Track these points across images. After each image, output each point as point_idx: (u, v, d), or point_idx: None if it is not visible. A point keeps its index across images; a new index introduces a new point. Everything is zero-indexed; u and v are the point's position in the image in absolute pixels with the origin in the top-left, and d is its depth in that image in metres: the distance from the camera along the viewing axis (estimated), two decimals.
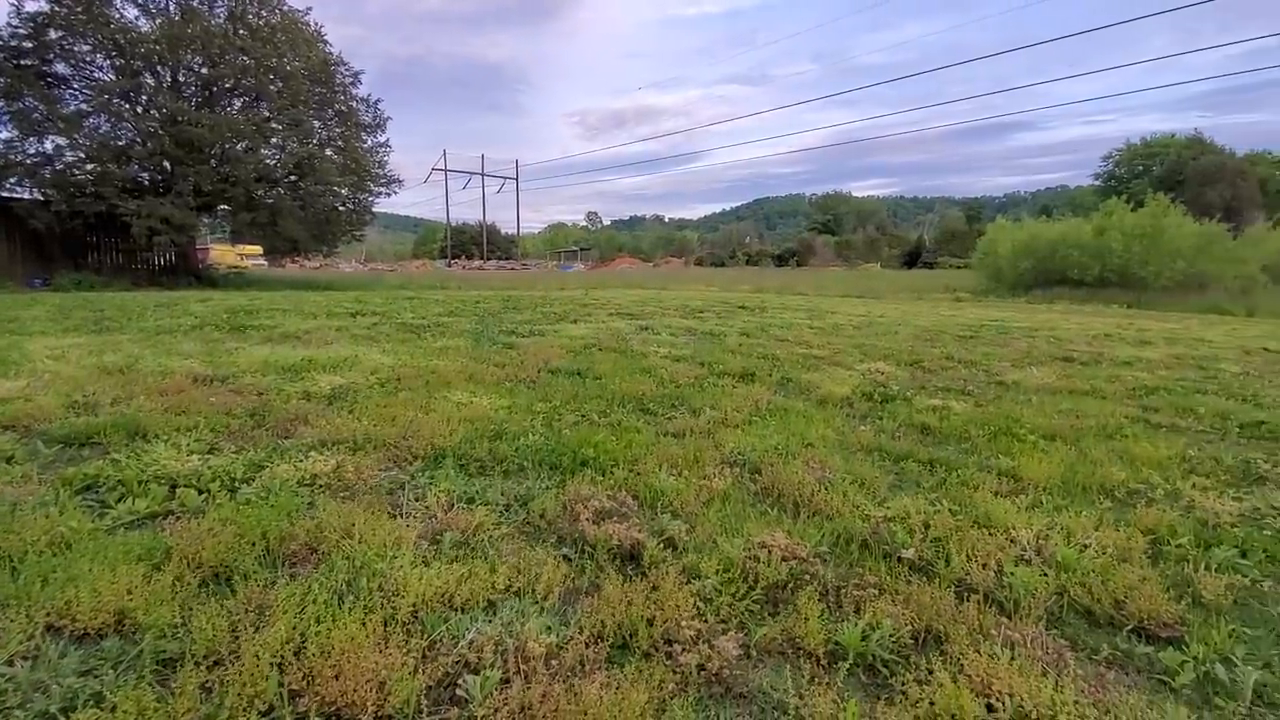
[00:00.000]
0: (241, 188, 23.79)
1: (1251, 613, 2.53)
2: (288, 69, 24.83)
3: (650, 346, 9.59)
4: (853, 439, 4.79)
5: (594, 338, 10.39)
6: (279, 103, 24.82)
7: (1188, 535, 3.12)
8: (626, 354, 8.74)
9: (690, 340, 10.59)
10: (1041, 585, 2.61)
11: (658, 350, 9.20)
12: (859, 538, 3.07)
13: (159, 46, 22.69)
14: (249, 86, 24.77)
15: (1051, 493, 3.68)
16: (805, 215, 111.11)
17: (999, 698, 1.90)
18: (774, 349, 9.55)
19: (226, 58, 23.75)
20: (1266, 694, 2.06)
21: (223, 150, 24.07)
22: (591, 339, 10.22)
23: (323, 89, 26.42)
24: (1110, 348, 10.49)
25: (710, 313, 16.33)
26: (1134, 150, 39.86)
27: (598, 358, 8.32)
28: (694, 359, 8.41)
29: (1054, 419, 5.37)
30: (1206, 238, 22.73)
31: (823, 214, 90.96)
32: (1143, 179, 33.57)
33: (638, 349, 9.30)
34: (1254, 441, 4.86)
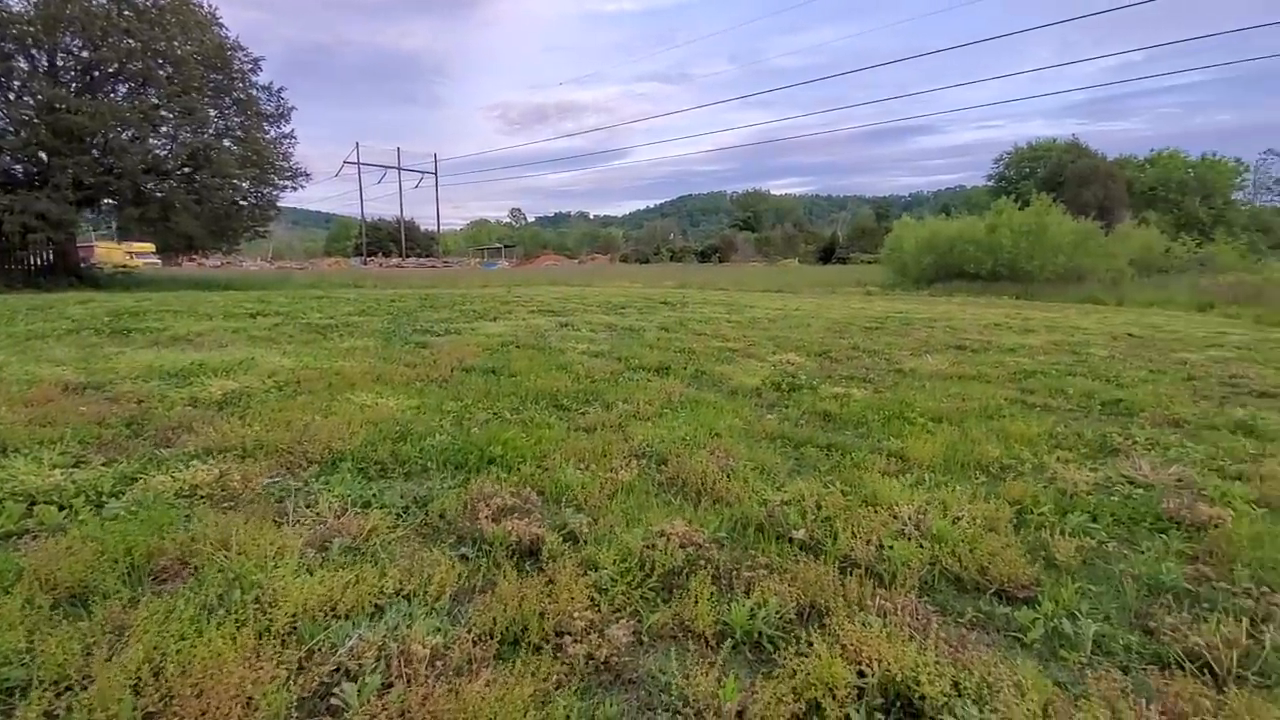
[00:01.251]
0: (128, 180, 21.87)
1: (1097, 571, 2.79)
2: (179, 53, 23.01)
3: (569, 343, 9.54)
4: (758, 428, 4.94)
5: (513, 335, 10.23)
6: (169, 89, 22.96)
7: (1049, 504, 3.41)
8: (544, 351, 8.66)
9: (610, 336, 10.61)
10: (917, 557, 2.79)
11: (576, 346, 9.17)
12: (756, 522, 3.17)
13: (33, 28, 20.52)
14: (135, 71, 22.78)
15: (934, 470, 3.93)
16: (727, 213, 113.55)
17: (869, 664, 2.02)
18: (691, 343, 9.71)
19: (110, 40, 21.74)
20: (1104, 644, 2.28)
21: (106, 140, 22.05)
22: (510, 336, 10.07)
23: (219, 75, 24.66)
24: (998, 336, 11.30)
25: (632, 309, 16.40)
26: (1021, 153, 43.22)
27: (515, 355, 8.21)
28: (611, 354, 8.44)
29: (943, 403, 5.73)
30: (1083, 234, 24.97)
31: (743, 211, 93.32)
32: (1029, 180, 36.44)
33: (556, 346, 9.24)
34: (1112, 418, 5.36)
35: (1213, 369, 7.69)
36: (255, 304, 15.00)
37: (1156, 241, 28.17)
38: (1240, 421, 5.08)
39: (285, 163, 26.75)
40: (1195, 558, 2.86)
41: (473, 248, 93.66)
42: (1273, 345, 10.39)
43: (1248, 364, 8.13)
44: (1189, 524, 3.14)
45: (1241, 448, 4.43)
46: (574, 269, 61.83)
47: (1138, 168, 38.90)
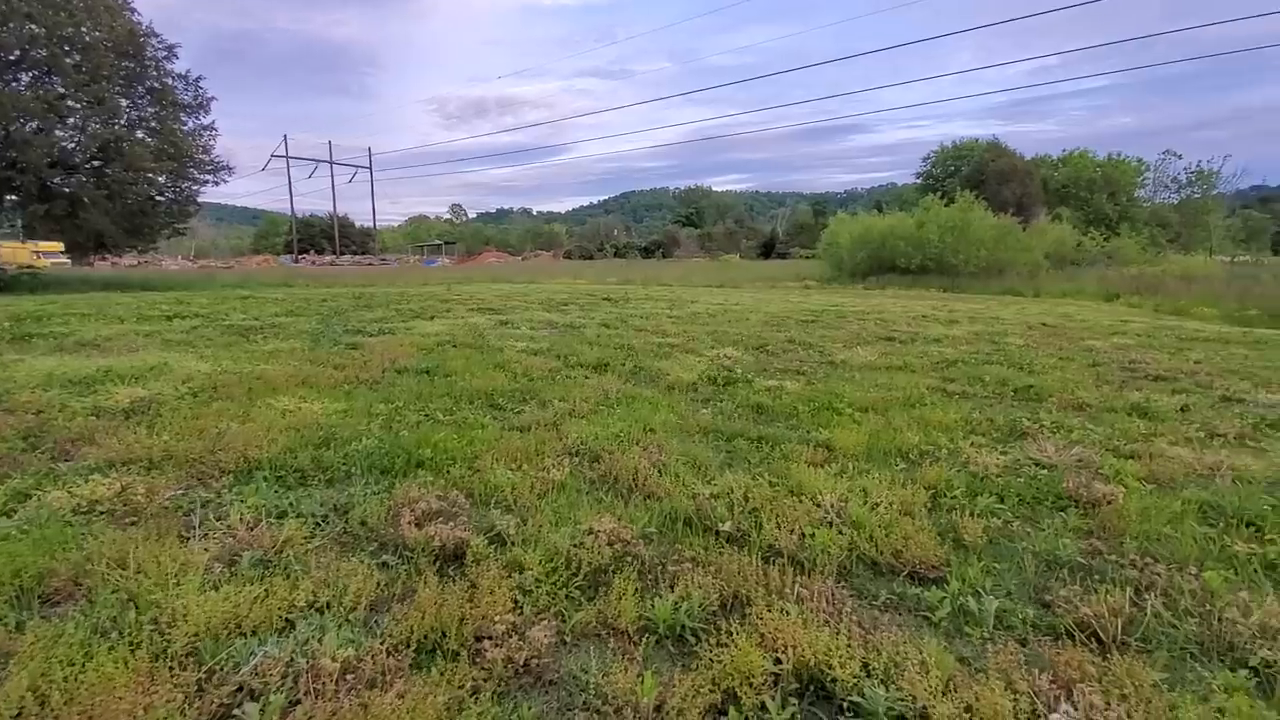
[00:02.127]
0: (32, 175, 20.22)
1: (1001, 549, 2.95)
2: (86, 39, 21.38)
3: (508, 341, 9.42)
4: (692, 422, 5.00)
5: (450, 334, 10.01)
6: (76, 78, 21.30)
7: (961, 487, 3.58)
8: (482, 350, 8.52)
9: (550, 334, 10.52)
10: (836, 544, 2.88)
11: (515, 345, 9.05)
12: (684, 516, 3.21)
13: None
14: (39, 59, 21.04)
15: (857, 459, 4.07)
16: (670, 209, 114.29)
17: (784, 650, 2.07)
18: (631, 339, 9.73)
19: (10, 26, 20.00)
20: (1005, 619, 2.41)
21: (7, 132, 20.30)
22: (447, 336, 9.85)
23: (130, 63, 23.03)
24: (925, 327, 11.79)
25: (574, 306, 16.31)
26: (946, 152, 45.25)
27: (451, 354, 8.04)
28: (551, 352, 8.37)
29: (870, 393, 5.94)
30: (1003, 230, 26.33)
31: (686, 207, 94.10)
32: (954, 178, 38.18)
33: (495, 344, 9.10)
34: (1023, 403, 5.68)
35: (1115, 355, 8.24)
36: (172, 305, 14.17)
37: (1069, 236, 29.96)
38: (1136, 404, 5.46)
39: (205, 156, 25.28)
40: (1090, 533, 3.06)
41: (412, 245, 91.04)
42: (1168, 332, 11.22)
43: (1146, 350, 8.75)
44: (1086, 501, 3.36)
45: (1136, 429, 4.77)
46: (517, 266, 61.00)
47: (1051, 166, 41.37)
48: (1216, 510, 3.25)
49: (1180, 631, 2.30)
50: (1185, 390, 6.16)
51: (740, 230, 76.99)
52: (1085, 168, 40.67)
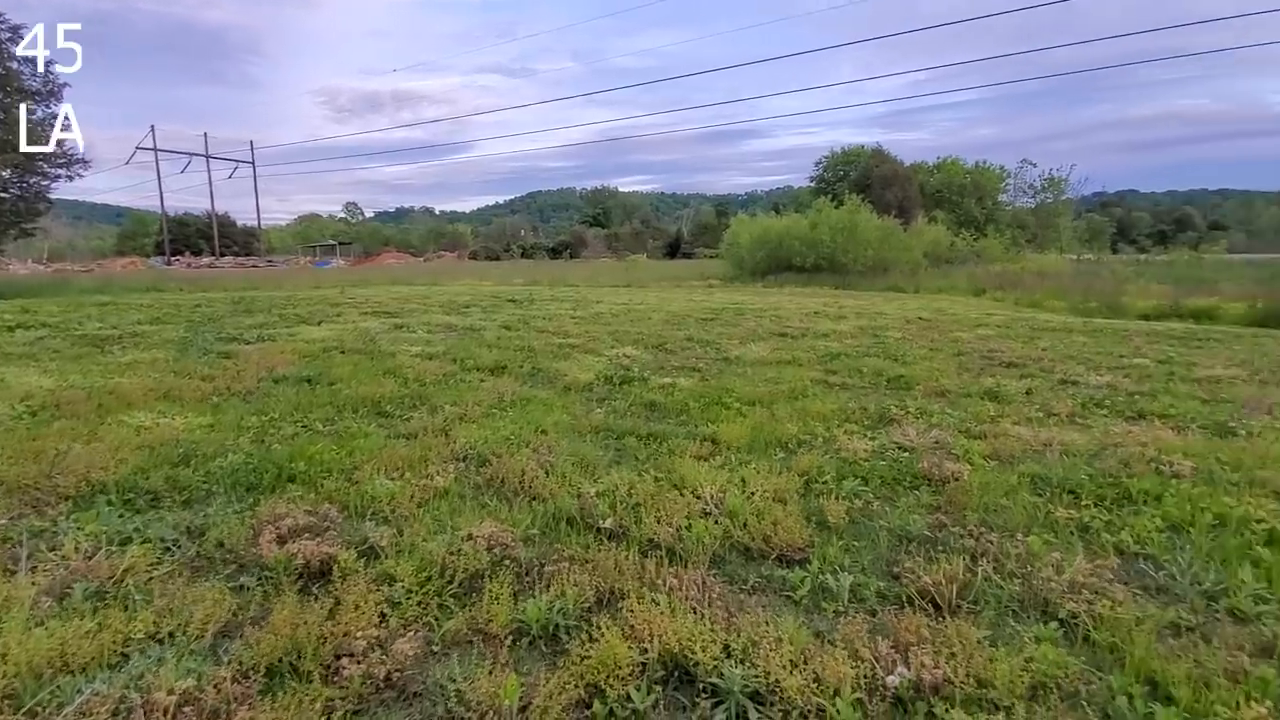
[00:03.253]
0: None
1: (861, 528, 3.18)
2: None
3: (401, 345, 9.07)
4: (585, 422, 5.02)
5: (337, 339, 9.51)
6: None
7: (831, 473, 3.81)
8: (372, 355, 8.16)
9: (448, 337, 10.23)
10: (712, 533, 2.99)
11: (409, 349, 8.73)
12: (567, 515, 3.23)
13: None
14: None
15: (740, 451, 4.24)
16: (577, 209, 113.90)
17: (650, 640, 2.13)
18: (532, 340, 9.63)
19: None
20: (859, 592, 2.60)
21: None
22: (334, 341, 9.35)
23: None
24: (816, 323, 12.42)
25: (476, 308, 15.93)
26: (836, 158, 48.09)
27: (337, 361, 7.65)
28: (447, 356, 8.15)
29: (758, 387, 6.20)
30: (886, 231, 28.26)
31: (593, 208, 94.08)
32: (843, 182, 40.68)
33: (386, 349, 8.74)
34: (894, 392, 6.12)
35: (977, 345, 9.04)
36: (16, 314, 12.60)
37: (944, 237, 32.59)
38: (988, 389, 6.02)
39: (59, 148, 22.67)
40: (938, 508, 3.35)
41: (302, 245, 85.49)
42: (1023, 323, 12.43)
43: (1003, 340, 9.65)
44: (937, 480, 3.67)
45: (986, 411, 5.26)
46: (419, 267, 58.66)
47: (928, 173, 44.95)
48: (1045, 481, 3.65)
49: (1005, 592, 2.56)
50: (1031, 375, 6.86)
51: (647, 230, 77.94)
52: (956, 174, 44.52)
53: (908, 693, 1.96)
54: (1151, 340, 9.60)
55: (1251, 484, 3.56)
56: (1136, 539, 2.96)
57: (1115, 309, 15.10)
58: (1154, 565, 2.78)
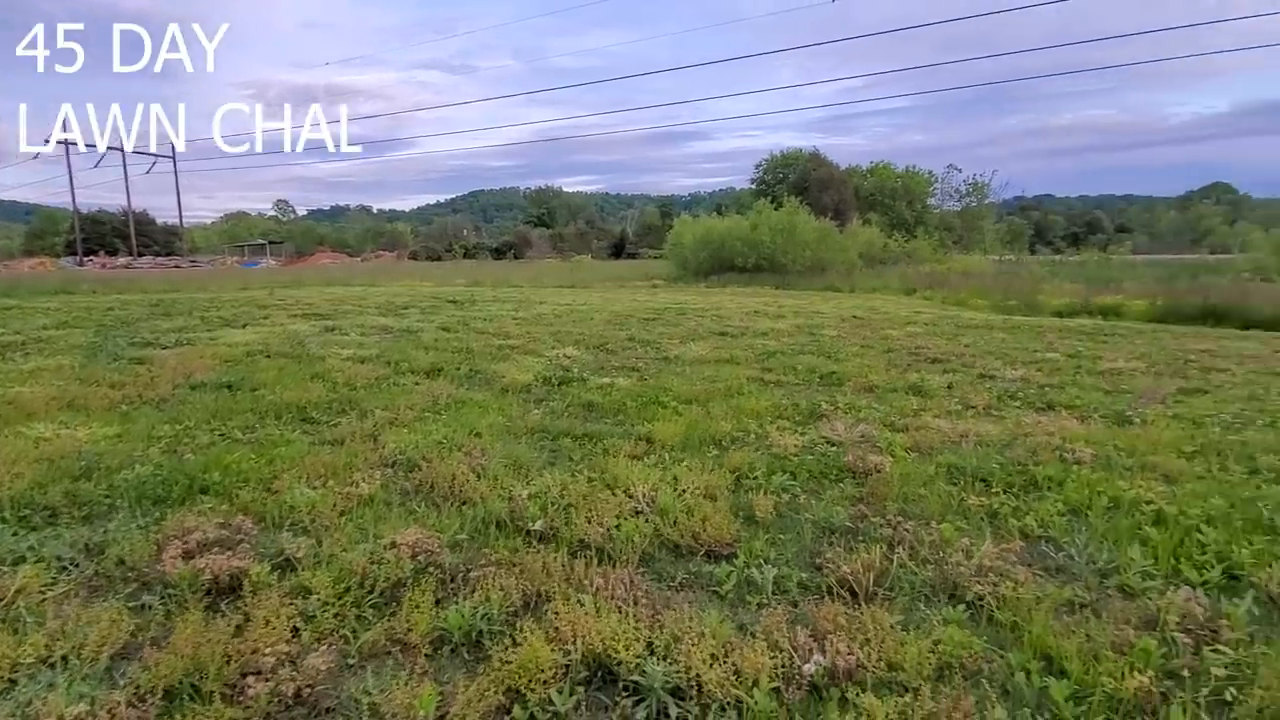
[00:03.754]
0: None
1: (787, 522, 3.26)
2: None
3: (332, 349, 8.75)
4: (521, 424, 4.97)
5: (263, 343, 9.10)
6: None
7: (762, 468, 3.90)
8: (300, 359, 7.84)
9: (383, 339, 9.93)
10: (642, 532, 3.01)
11: (340, 352, 8.44)
12: (497, 519, 3.18)
13: None
14: None
15: (674, 449, 4.28)
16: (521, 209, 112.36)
17: (574, 642, 2.13)
18: (471, 342, 9.46)
19: None
20: (782, 584, 2.66)
21: None
22: (259, 345, 8.94)
23: None
24: (756, 322, 12.67)
25: (415, 309, 15.54)
26: (775, 161, 49.28)
27: (262, 365, 7.32)
28: (380, 359, 7.91)
29: (696, 386, 6.27)
30: (824, 232, 29.12)
31: (537, 208, 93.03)
32: (782, 184, 41.69)
33: (316, 352, 8.42)
34: (826, 388, 6.31)
35: (906, 342, 9.41)
36: None
37: (877, 238, 33.82)
38: (913, 384, 6.27)
39: None
40: (860, 499, 3.47)
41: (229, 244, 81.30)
42: (949, 320, 13.02)
43: (930, 336, 10.08)
44: (861, 472, 3.80)
45: (910, 405, 5.48)
46: (356, 267, 56.71)
47: (862, 176, 46.62)
48: (960, 471, 3.83)
49: (919, 578, 2.68)
50: (954, 370, 7.19)
51: (591, 231, 77.72)
52: (889, 178, 46.34)
53: (823, 680, 2.02)
54: (1063, 336, 10.22)
55: (1144, 468, 3.83)
56: (1040, 523, 3.14)
57: (1032, 306, 16.00)
58: (1054, 547, 2.96)
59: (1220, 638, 2.20)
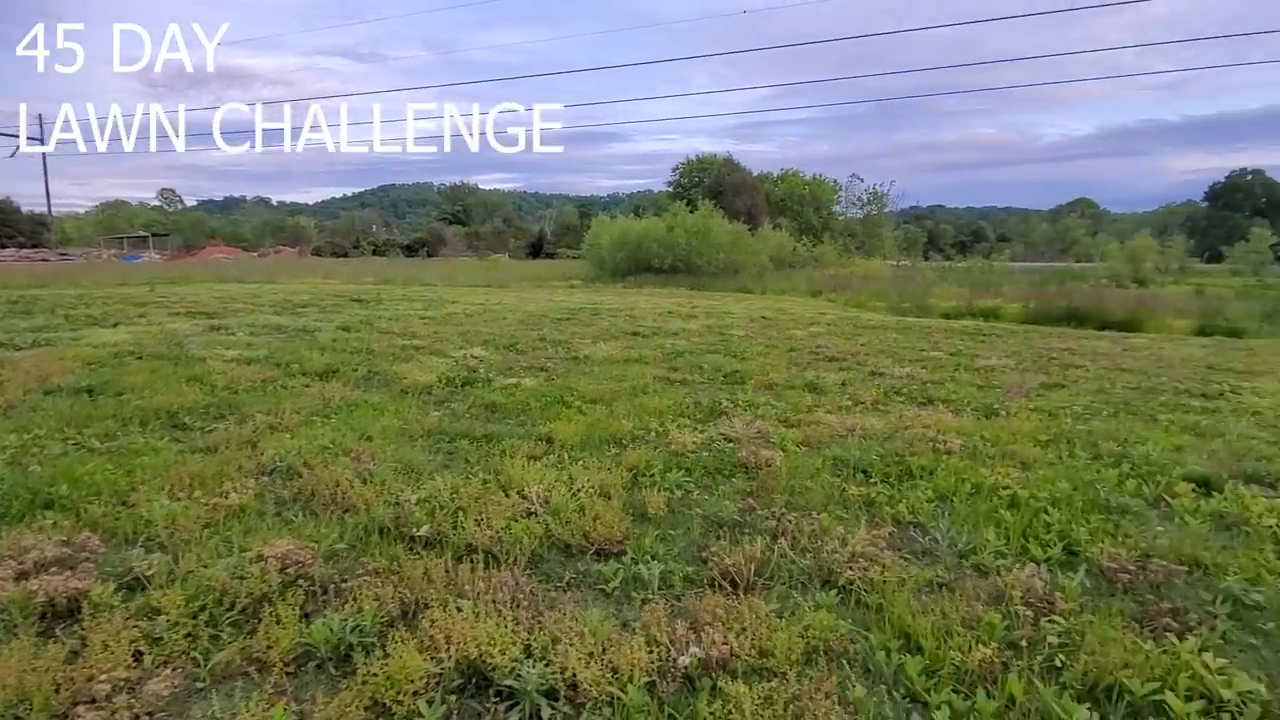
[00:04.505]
0: None
1: (679, 517, 3.31)
2: None
3: (216, 350, 8.14)
4: (417, 426, 4.80)
5: (135, 344, 8.33)
6: None
7: (659, 465, 3.94)
8: (177, 361, 7.24)
9: (275, 339, 9.33)
10: (533, 533, 2.97)
11: (224, 353, 7.86)
12: (381, 525, 3.05)
13: None
14: None
15: (574, 449, 4.26)
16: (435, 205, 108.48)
17: (449, 649, 2.07)
18: (373, 342, 9.06)
19: None
20: (668, 579, 2.70)
21: None
22: (131, 346, 8.18)
23: None
24: (668, 322, 12.84)
25: (315, 307, 14.71)
26: (691, 165, 50.41)
27: (131, 368, 6.71)
28: (270, 360, 7.43)
29: (602, 385, 6.27)
30: (737, 235, 30.00)
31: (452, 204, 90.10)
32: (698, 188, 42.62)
33: (196, 353, 7.80)
34: (729, 386, 6.47)
35: (808, 341, 9.82)
36: None
37: (787, 242, 35.22)
38: (810, 381, 6.55)
39: None
40: (750, 493, 3.58)
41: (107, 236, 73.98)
42: (849, 321, 13.71)
43: (830, 336, 10.57)
44: (753, 466, 3.92)
45: (805, 402, 5.72)
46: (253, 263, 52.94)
47: (772, 183, 48.49)
48: (844, 463, 4.03)
49: (797, 567, 2.79)
50: (849, 368, 7.57)
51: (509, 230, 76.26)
52: (797, 185, 48.41)
53: (697, 671, 2.07)
54: (948, 336, 10.98)
55: (1004, 456, 4.17)
56: (911, 510, 3.35)
57: (924, 309, 17.12)
58: (922, 532, 3.16)
59: (1056, 609, 2.42)
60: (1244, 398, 6.13)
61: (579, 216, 69.58)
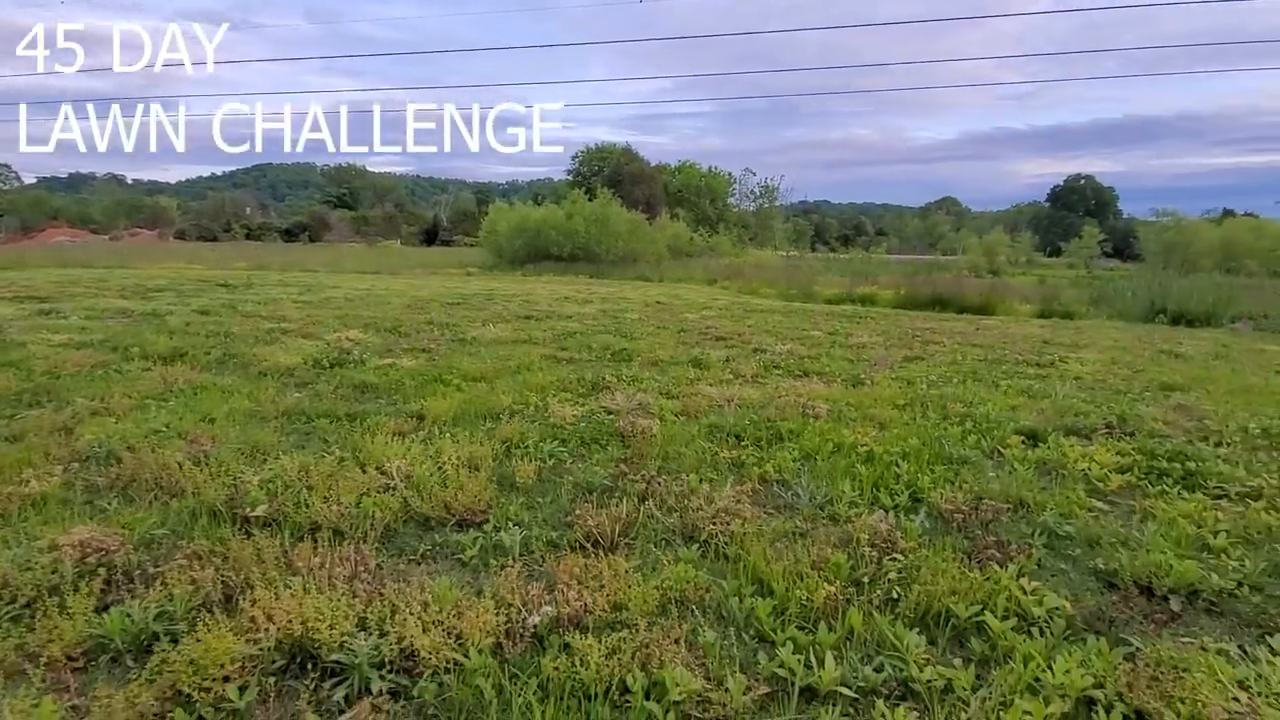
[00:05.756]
0: None
1: (549, 485, 3.23)
2: None
3: (41, 334, 7.15)
4: (272, 408, 4.41)
5: None
6: None
7: (535, 437, 3.84)
8: None
9: (116, 323, 8.34)
10: (388, 507, 2.79)
11: (51, 338, 6.92)
12: (211, 508, 2.76)
13: None
14: None
15: (446, 424, 4.07)
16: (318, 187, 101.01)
17: (268, 629, 1.88)
18: (233, 326, 8.30)
19: None
20: (530, 544, 2.61)
21: None
22: None
23: None
24: (564, 307, 12.67)
25: (172, 292, 13.32)
26: (591, 153, 50.18)
27: None
28: (106, 344, 6.62)
29: (486, 364, 6.06)
30: (635, 224, 30.16)
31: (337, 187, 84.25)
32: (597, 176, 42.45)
33: (15, 339, 6.82)
34: (616, 363, 6.45)
35: (698, 324, 10.01)
36: None
37: (684, 232, 35.88)
38: (695, 358, 6.66)
39: None
40: (624, 460, 3.55)
41: None
42: (740, 306, 14.14)
43: (720, 319, 10.83)
44: (630, 435, 3.90)
45: (688, 376, 5.80)
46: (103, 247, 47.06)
47: (670, 174, 49.23)
48: (719, 430, 4.10)
49: (663, 525, 2.79)
50: (734, 346, 7.77)
51: (401, 215, 72.51)
52: (693, 177, 49.46)
53: (547, 630, 2.00)
54: (828, 318, 11.56)
55: (865, 419, 4.41)
56: (777, 469, 3.44)
57: (809, 295, 17.97)
58: (785, 488, 3.26)
59: (898, 548, 2.56)
60: (1069, 366, 6.85)
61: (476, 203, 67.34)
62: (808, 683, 1.83)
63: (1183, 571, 2.38)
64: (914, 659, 1.91)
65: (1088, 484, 3.37)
